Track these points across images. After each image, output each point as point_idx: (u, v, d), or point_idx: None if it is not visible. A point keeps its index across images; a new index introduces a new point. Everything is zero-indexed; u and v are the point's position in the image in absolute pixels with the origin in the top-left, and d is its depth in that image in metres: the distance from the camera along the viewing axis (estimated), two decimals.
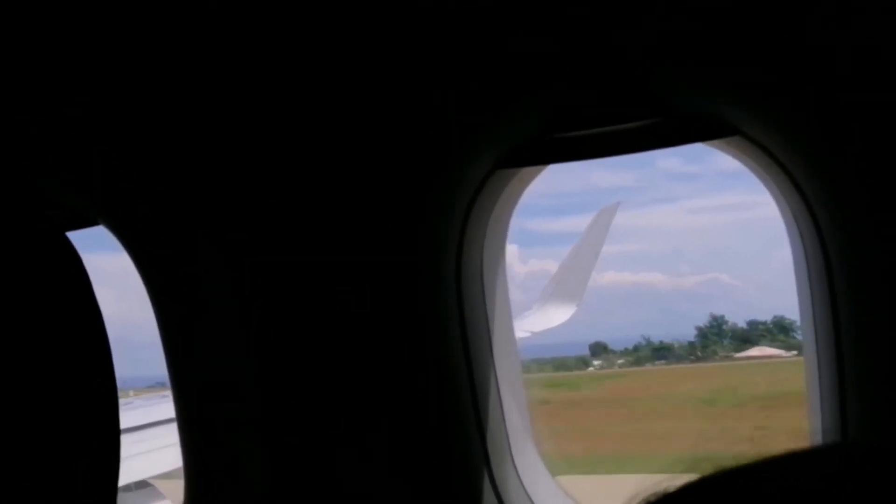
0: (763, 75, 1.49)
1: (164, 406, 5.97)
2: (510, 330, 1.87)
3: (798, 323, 1.87)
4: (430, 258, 1.66)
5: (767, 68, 1.47)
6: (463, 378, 1.71)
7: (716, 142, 1.60)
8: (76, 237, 1.60)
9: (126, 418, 1.20)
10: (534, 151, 1.61)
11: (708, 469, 0.56)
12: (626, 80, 1.54)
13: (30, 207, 1.69)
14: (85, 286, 1.25)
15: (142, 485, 5.82)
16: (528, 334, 7.17)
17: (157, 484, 6.04)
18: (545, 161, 1.65)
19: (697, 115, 1.55)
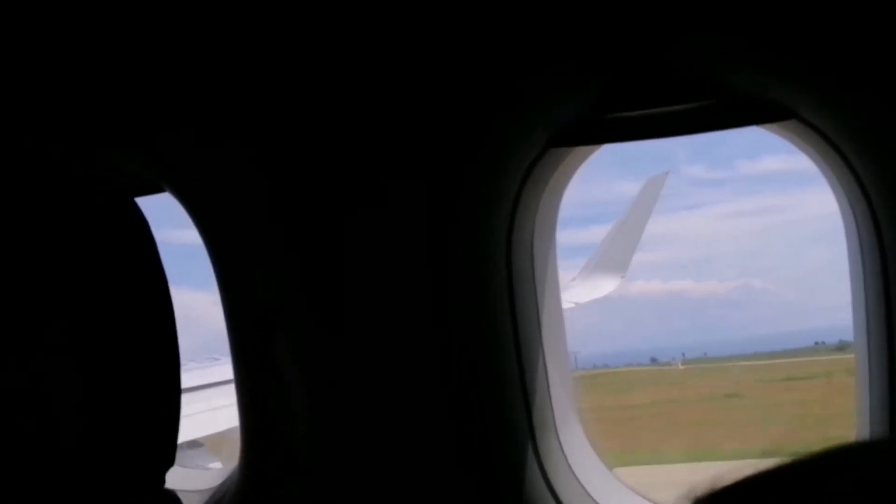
0: (821, 57, 1.47)
1: (217, 369, 6.10)
2: (558, 307, 1.89)
3: None
4: (481, 233, 1.69)
5: (825, 50, 1.46)
6: (510, 352, 1.73)
7: (772, 126, 1.59)
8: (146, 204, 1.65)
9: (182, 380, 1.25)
10: (587, 131, 1.62)
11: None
12: (682, 59, 1.54)
13: (99, 173, 1.75)
14: (151, 251, 1.30)
15: (193, 444, 5.98)
16: (572, 305, 7.10)
17: (209, 444, 6.21)
18: (599, 141, 1.66)
19: (754, 98, 1.54)
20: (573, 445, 1.87)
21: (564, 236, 1.90)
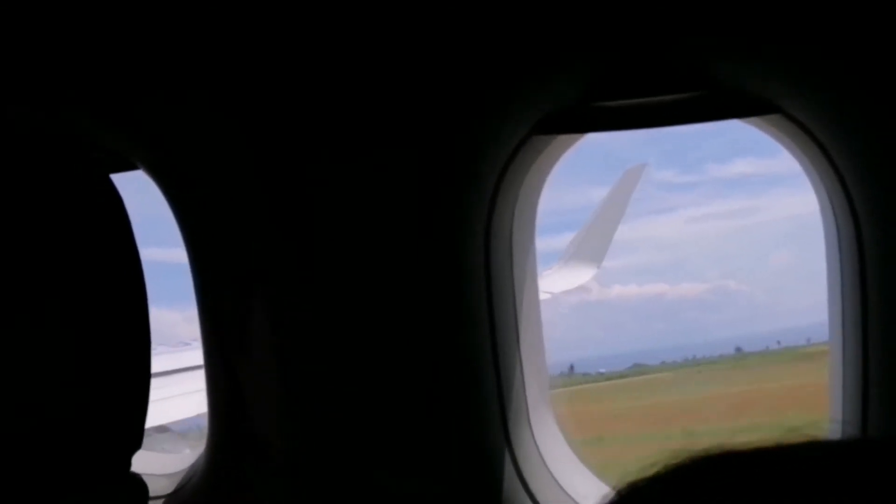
0: (806, 51, 1.47)
1: (187, 354, 6.05)
2: (536, 297, 1.89)
3: None
4: (458, 218, 1.68)
5: (811, 44, 1.46)
6: (486, 339, 1.73)
7: (755, 119, 1.59)
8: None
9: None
10: (572, 119, 1.61)
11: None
12: (669, 50, 1.53)
13: (73, 148, 1.71)
14: (124, 228, 1.27)
15: (161, 430, 5.93)
16: (548, 295, 7.11)
17: (176, 429, 6.16)
18: (583, 129, 1.65)
19: (740, 91, 1.54)
20: (545, 435, 1.87)
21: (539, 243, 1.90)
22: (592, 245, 8.04)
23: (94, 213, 1.26)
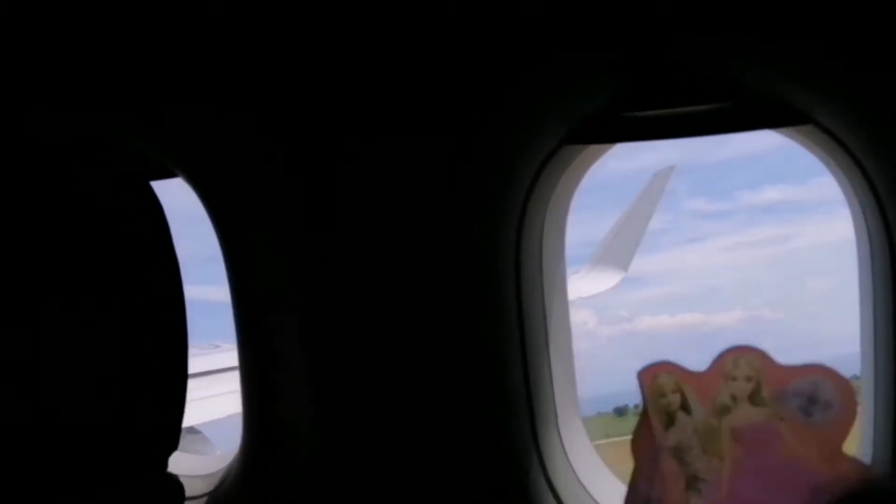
0: (839, 62, 1.47)
1: (218, 356, 6.09)
2: (565, 303, 1.89)
3: None
4: (492, 225, 1.69)
5: (844, 55, 1.45)
6: (515, 345, 1.73)
7: (787, 130, 1.58)
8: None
9: None
10: (603, 129, 1.62)
11: None
12: (700, 60, 1.53)
13: (114, 156, 1.75)
14: (164, 234, 1.30)
15: (191, 431, 5.97)
16: (574, 298, 7.03)
17: (207, 431, 6.20)
18: (614, 139, 1.65)
19: (771, 101, 1.54)
20: (574, 442, 1.87)
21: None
22: (620, 249, 7.95)
23: (133, 218, 1.29)
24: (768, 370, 1.37)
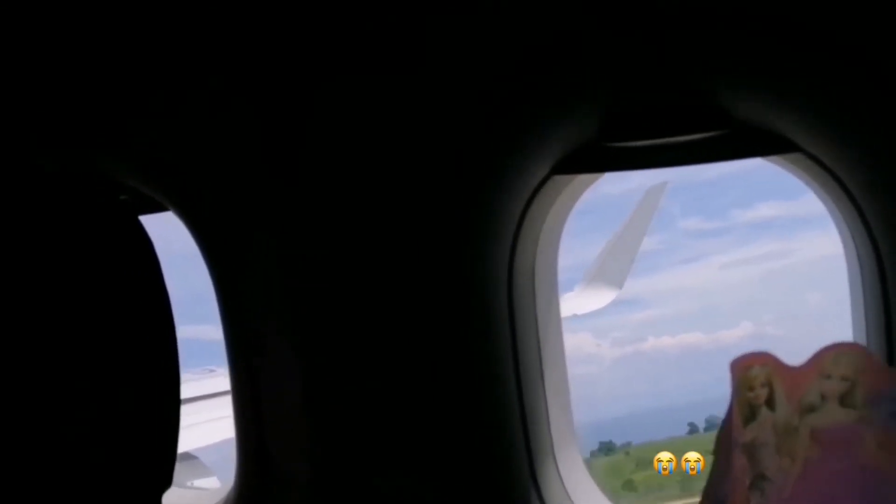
0: (825, 91, 1.48)
1: (212, 381, 6.07)
2: (559, 331, 1.89)
3: None
4: (483, 258, 1.69)
5: (830, 84, 1.47)
6: (510, 377, 1.73)
7: (777, 158, 1.59)
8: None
9: None
10: (591, 159, 1.62)
11: None
12: (688, 90, 1.54)
13: (103, 190, 1.75)
14: (153, 268, 1.29)
15: (187, 457, 5.94)
16: (570, 315, 7.01)
17: (203, 456, 6.17)
18: (602, 169, 1.66)
19: (760, 130, 1.55)
20: (571, 471, 1.87)
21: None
22: (614, 266, 7.94)
23: (123, 253, 1.28)
24: (869, 371, 1.29)
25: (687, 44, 1.47)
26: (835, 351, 1.28)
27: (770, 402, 1.30)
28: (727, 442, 1.29)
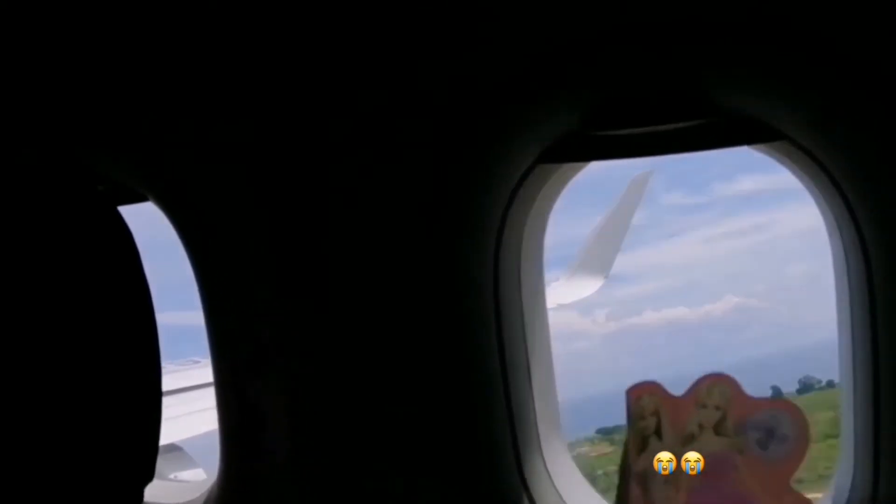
0: (809, 79, 1.48)
1: (196, 372, 6.04)
2: (545, 324, 1.89)
3: None
4: (467, 248, 1.68)
5: (813, 72, 1.46)
6: (496, 371, 1.73)
7: (762, 146, 1.59)
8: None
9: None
10: (576, 148, 1.62)
11: None
12: (672, 78, 1.54)
13: (82, 181, 1.73)
14: (133, 260, 1.28)
15: (171, 448, 5.92)
16: (555, 306, 7.03)
17: (187, 447, 6.15)
18: (588, 158, 1.65)
19: (745, 118, 1.55)
20: (558, 465, 1.86)
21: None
22: (599, 255, 7.95)
23: (102, 244, 1.26)
24: (736, 400, 1.38)
25: (673, 34, 1.46)
26: (708, 381, 1.36)
27: (658, 432, 1.38)
28: (626, 471, 1.36)
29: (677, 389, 1.46)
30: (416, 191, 1.63)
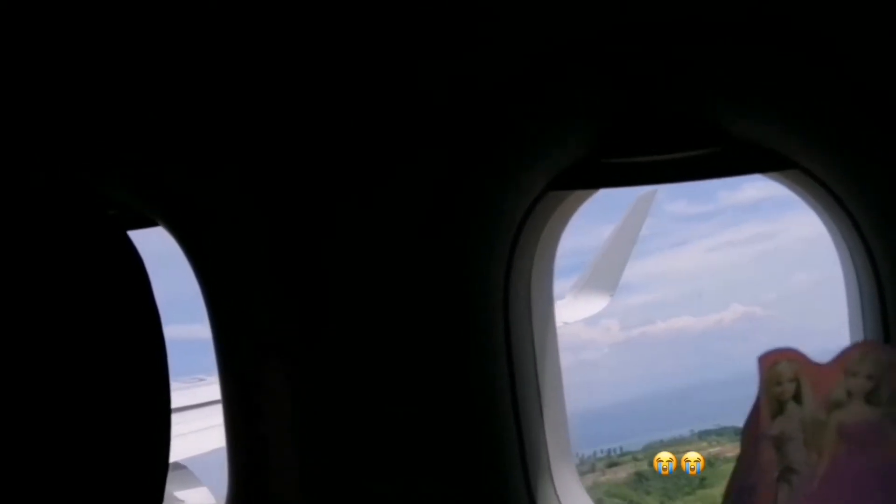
0: (821, 108, 1.47)
1: (202, 390, 6.05)
2: (555, 347, 1.88)
3: None
4: (478, 273, 1.68)
5: (825, 101, 1.46)
6: (506, 393, 1.72)
7: (773, 174, 1.59)
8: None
9: None
10: (587, 175, 1.62)
11: None
12: (683, 107, 1.54)
13: (92, 206, 1.73)
14: (143, 284, 1.27)
15: (176, 467, 5.91)
16: (560, 324, 7.01)
17: (192, 466, 6.14)
18: (598, 185, 1.65)
19: (755, 146, 1.54)
20: (567, 488, 1.85)
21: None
22: (605, 273, 7.96)
23: (112, 268, 1.26)
24: (894, 369, 1.30)
25: (684, 61, 1.46)
26: (860, 349, 1.29)
27: (797, 397, 1.31)
28: (753, 434, 1.30)
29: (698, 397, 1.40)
30: (426, 216, 1.63)
